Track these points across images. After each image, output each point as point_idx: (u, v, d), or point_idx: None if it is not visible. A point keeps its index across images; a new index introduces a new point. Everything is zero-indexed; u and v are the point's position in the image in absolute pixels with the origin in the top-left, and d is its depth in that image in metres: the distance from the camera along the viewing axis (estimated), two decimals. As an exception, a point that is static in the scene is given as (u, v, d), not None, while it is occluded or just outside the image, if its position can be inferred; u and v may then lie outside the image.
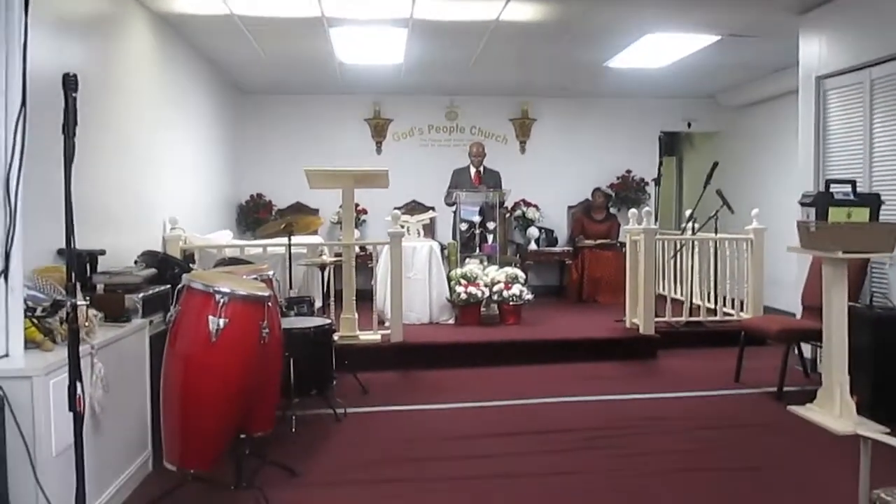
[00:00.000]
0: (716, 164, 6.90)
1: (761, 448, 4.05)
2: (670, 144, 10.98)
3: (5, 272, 2.67)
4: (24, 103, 2.68)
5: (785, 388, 4.96)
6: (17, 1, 2.72)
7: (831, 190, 4.48)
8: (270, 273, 4.13)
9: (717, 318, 6.81)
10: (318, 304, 6.26)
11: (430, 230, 8.85)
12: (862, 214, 4.38)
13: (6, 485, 2.42)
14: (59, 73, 2.38)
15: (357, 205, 7.76)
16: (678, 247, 7.10)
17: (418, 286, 6.93)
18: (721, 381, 5.42)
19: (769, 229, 6.81)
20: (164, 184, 5.99)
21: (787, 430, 4.35)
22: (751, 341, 5.49)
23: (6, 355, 2.67)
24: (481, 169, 7.97)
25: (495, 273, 6.94)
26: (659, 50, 7.03)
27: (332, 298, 5.94)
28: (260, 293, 3.26)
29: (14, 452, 2.44)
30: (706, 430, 4.36)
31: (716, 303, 6.88)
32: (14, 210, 2.69)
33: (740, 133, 9.58)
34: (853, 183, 4.53)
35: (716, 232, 6.85)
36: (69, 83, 2.35)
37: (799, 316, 5.59)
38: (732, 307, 6.90)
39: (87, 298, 3.19)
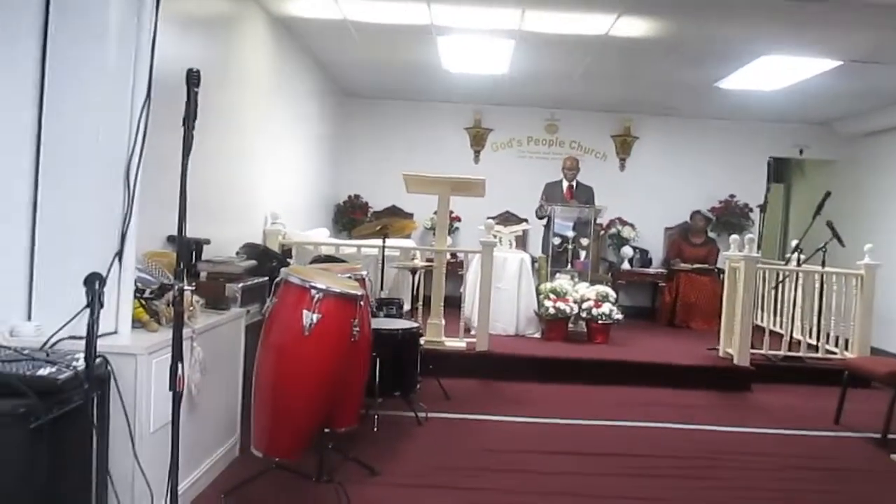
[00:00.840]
0: (828, 194, 6.57)
1: (858, 495, 3.82)
2: (779, 171, 10.55)
3: (120, 254, 2.81)
4: (148, 95, 2.83)
5: (890, 436, 4.66)
6: (149, 2, 2.88)
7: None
8: (364, 273, 4.21)
9: (819, 354, 6.48)
10: (407, 307, 6.32)
11: (521, 242, 8.81)
12: None
13: (107, 456, 2.54)
14: (180, 68, 2.50)
15: (451, 212, 7.80)
16: (781, 277, 6.80)
17: (507, 297, 6.90)
18: (820, 421, 5.15)
19: (883, 266, 6.42)
20: (268, 179, 6.20)
21: (888, 479, 4.09)
22: (854, 382, 5.21)
23: (115, 332, 2.81)
24: (574, 183, 7.88)
25: (585, 290, 6.84)
26: (774, 72, 6.78)
27: (421, 303, 5.99)
28: (353, 292, 3.32)
29: (115, 425, 2.56)
30: (800, 469, 4.14)
31: (818, 339, 6.54)
32: (132, 196, 2.84)
33: (856, 163, 9.11)
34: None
35: (823, 265, 6.52)
36: (192, 78, 2.46)
37: (910, 360, 5.26)
38: (836, 345, 6.55)
39: (193, 285, 3.33)
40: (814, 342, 6.56)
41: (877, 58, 6.07)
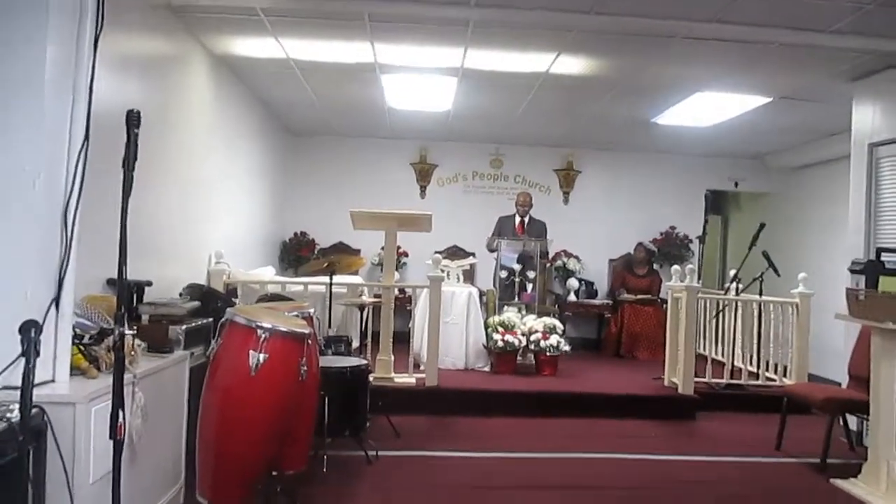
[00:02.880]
0: (762, 226, 6.80)
1: (802, 521, 3.92)
2: (716, 203, 10.86)
3: (57, 300, 2.74)
4: (86, 138, 2.79)
5: (829, 460, 4.78)
6: (87, 39, 2.85)
7: (882, 258, 4.39)
8: (311, 311, 4.17)
9: (759, 382, 6.63)
10: (356, 344, 6.28)
11: (469, 276, 8.86)
12: (914, 285, 4.27)
13: (43, 509, 2.44)
14: (120, 108, 2.47)
15: (399, 247, 7.82)
16: (721, 307, 6.98)
17: (455, 331, 6.91)
18: (761, 447, 5.26)
19: (816, 295, 6.64)
20: (212, 218, 6.13)
21: (828, 503, 4.19)
22: (794, 409, 5.33)
23: (52, 380, 2.72)
24: (526, 218, 7.98)
25: (533, 322, 6.90)
26: (709, 108, 7.03)
27: (370, 339, 5.95)
28: (300, 330, 3.30)
29: (53, 477, 2.47)
30: (743, 497, 4.23)
31: (758, 366, 6.71)
32: (70, 239, 2.77)
33: (789, 195, 9.46)
34: (905, 252, 4.43)
35: (760, 294, 6.73)
36: (132, 120, 2.43)
37: (845, 385, 5.43)
38: (775, 372, 6.73)
39: (134, 328, 3.25)
40: (754, 370, 6.72)
41: (803, 95, 6.36)
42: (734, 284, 6.82)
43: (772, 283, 6.85)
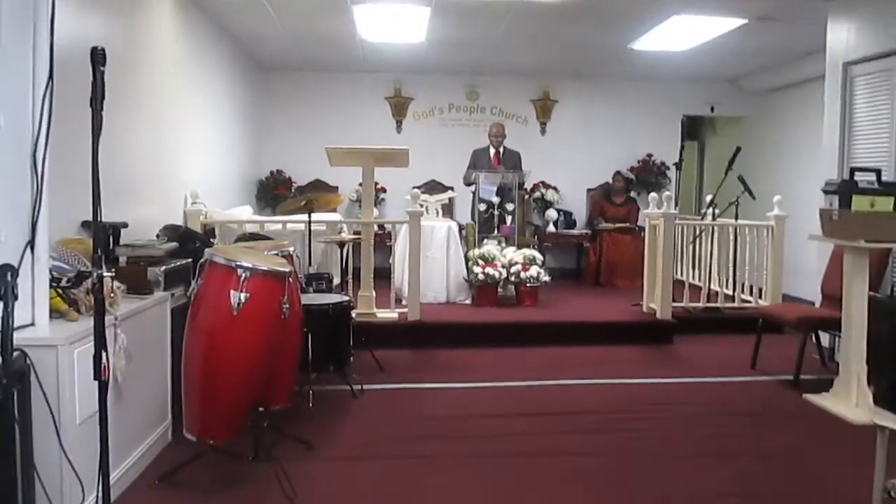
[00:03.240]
0: (738, 150, 6.81)
1: (776, 436, 4.05)
2: (692, 129, 10.88)
3: (31, 243, 2.70)
4: (51, 76, 2.70)
5: (802, 377, 4.94)
6: (45, -26, 2.74)
7: (856, 178, 4.44)
8: (291, 249, 4.16)
9: (735, 304, 6.78)
10: (337, 281, 6.29)
11: (448, 210, 8.86)
12: (886, 204, 4.34)
13: (32, 451, 2.47)
14: (84, 46, 2.40)
15: (376, 183, 7.76)
16: (697, 232, 7.06)
17: (436, 266, 6.95)
18: (737, 367, 5.41)
19: (791, 217, 6.73)
20: (186, 158, 6.03)
21: (803, 418, 4.34)
22: (768, 329, 5.47)
23: (32, 324, 2.71)
24: (501, 149, 7.93)
25: (513, 254, 6.95)
26: (684, 32, 6.95)
27: (351, 276, 5.97)
28: (281, 269, 3.29)
29: (39, 420, 2.49)
30: (721, 416, 4.36)
31: (734, 289, 6.84)
32: (41, 182, 2.72)
33: (764, 119, 9.48)
34: (878, 171, 4.49)
35: (736, 218, 6.80)
36: (97, 57, 2.36)
37: (818, 305, 5.56)
38: (751, 294, 6.86)
39: (112, 270, 3.23)
40: (730, 293, 6.85)
41: (778, 16, 6.29)
42: (710, 210, 6.88)
43: (748, 207, 6.92)
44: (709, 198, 6.98)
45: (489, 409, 4.41)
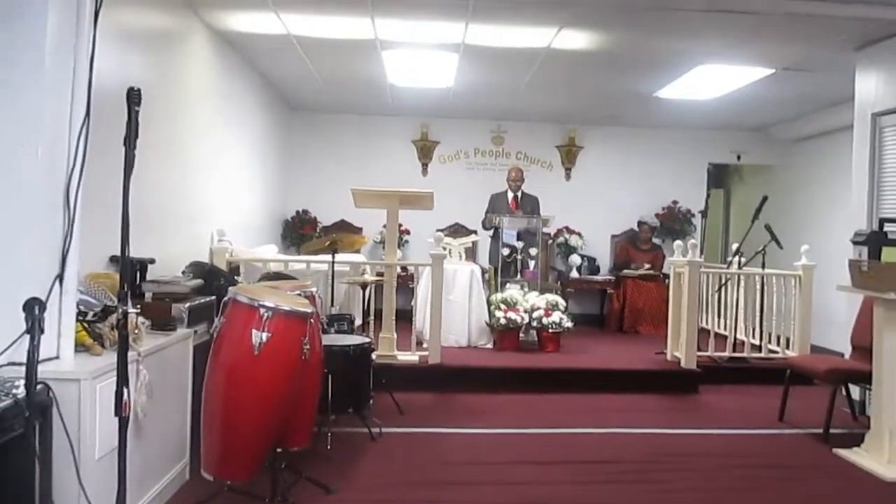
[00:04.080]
0: (765, 199, 6.77)
1: (805, 490, 3.93)
2: (718, 177, 10.85)
3: (61, 276, 2.75)
4: (87, 114, 2.78)
5: (831, 430, 4.80)
6: (87, 15, 2.83)
7: (885, 229, 4.39)
8: (313, 289, 4.17)
9: (762, 354, 6.66)
10: (359, 322, 6.29)
11: (471, 254, 8.86)
12: (917, 255, 4.27)
13: (51, 485, 2.47)
14: (120, 84, 2.46)
15: (401, 225, 7.80)
16: (723, 280, 6.98)
17: (458, 309, 6.93)
18: (764, 419, 5.29)
19: (819, 267, 6.64)
20: (214, 196, 6.12)
21: (833, 473, 4.22)
22: (796, 380, 5.36)
23: (57, 357, 2.74)
24: (519, 194, 7.95)
25: (535, 299, 6.91)
26: (711, 81, 6.98)
27: (373, 317, 5.97)
28: (303, 309, 3.30)
29: (59, 453, 2.49)
30: (747, 468, 4.25)
31: (761, 339, 6.73)
32: (73, 217, 2.78)
33: (792, 167, 9.42)
34: (908, 223, 4.42)
35: (763, 267, 6.72)
36: (133, 97, 2.42)
37: (847, 356, 5.44)
38: (778, 344, 6.74)
39: (137, 306, 3.26)
40: (757, 342, 6.74)
41: (806, 66, 6.31)
42: (736, 258, 6.81)
43: (774, 256, 6.85)
44: (735, 246, 6.92)
45: (509, 456, 4.33)
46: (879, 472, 4.14)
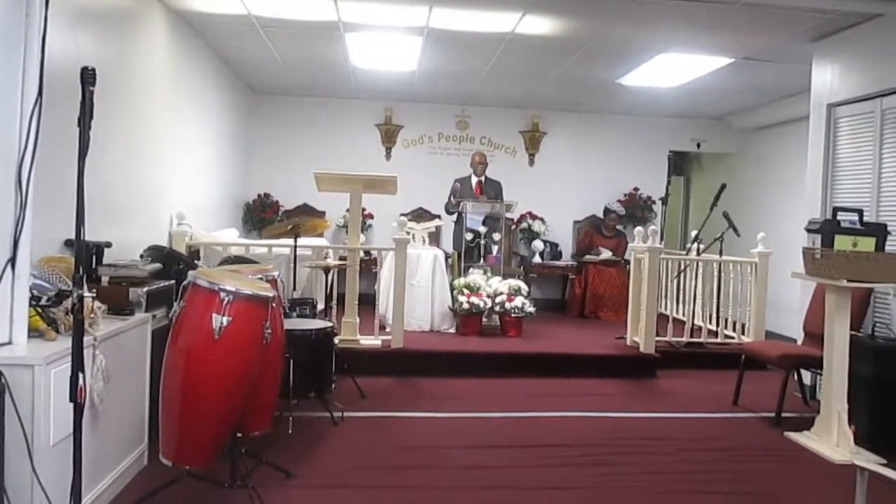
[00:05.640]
0: (723, 186, 6.89)
1: (756, 473, 4.03)
2: (679, 164, 10.99)
3: (13, 260, 2.68)
4: (40, 94, 2.70)
5: (783, 414, 4.94)
6: (38, -9, 2.75)
7: (838, 218, 4.48)
8: (275, 273, 4.15)
9: (718, 340, 6.80)
10: (321, 306, 6.26)
11: (435, 238, 8.87)
12: (868, 244, 4.38)
13: (3, 472, 2.42)
14: (74, 64, 2.40)
15: (364, 209, 7.77)
16: (682, 267, 7.09)
17: (421, 293, 6.94)
18: (719, 403, 5.41)
19: (774, 254, 6.79)
20: (173, 179, 6.02)
21: (784, 456, 4.34)
22: (751, 365, 5.48)
23: (9, 343, 2.68)
24: (483, 179, 7.98)
25: (498, 284, 6.95)
26: (672, 70, 7.06)
27: (335, 302, 5.95)
28: (264, 293, 3.27)
29: (12, 440, 2.45)
30: (702, 451, 4.34)
31: (717, 325, 6.87)
32: (25, 199, 2.71)
33: (749, 156, 9.59)
34: (860, 212, 4.53)
35: (720, 254, 6.85)
36: (87, 77, 2.37)
37: (800, 342, 5.58)
38: (734, 330, 6.89)
39: (93, 290, 3.20)
40: (714, 328, 6.88)
41: (765, 56, 6.42)
42: (695, 245, 6.93)
43: (732, 243, 6.98)
44: (694, 233, 7.03)
45: (470, 440, 4.37)
46: (828, 454, 4.27)
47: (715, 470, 4.03)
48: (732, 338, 6.83)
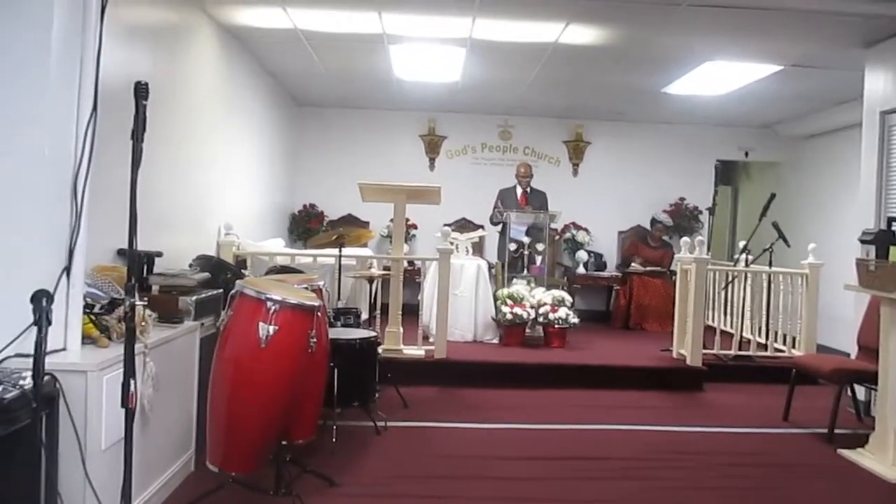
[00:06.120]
0: (773, 196, 6.74)
1: (808, 491, 3.93)
2: (726, 173, 10.81)
3: (68, 269, 2.77)
4: (95, 108, 2.79)
5: (836, 431, 4.79)
6: (93, 10, 2.85)
7: (893, 228, 4.36)
8: (320, 283, 4.19)
9: (768, 353, 6.64)
10: (365, 316, 6.31)
11: (478, 248, 8.86)
12: (924, 255, 4.26)
13: (56, 476, 2.49)
14: (127, 79, 2.47)
15: (408, 219, 7.81)
16: (730, 278, 6.96)
17: (464, 304, 6.94)
18: (769, 418, 5.28)
19: (826, 265, 6.62)
20: (221, 190, 6.14)
21: (836, 474, 4.21)
22: (802, 380, 5.34)
23: (64, 349, 2.76)
24: (528, 189, 7.96)
25: (542, 295, 6.91)
26: (719, 77, 6.95)
27: (379, 311, 5.98)
28: (310, 303, 3.31)
29: (66, 444, 2.52)
30: (750, 467, 4.24)
31: (767, 338, 6.72)
32: (80, 210, 2.79)
33: (799, 165, 9.39)
34: (916, 222, 4.40)
35: (770, 265, 6.70)
36: (140, 91, 2.43)
37: (854, 356, 5.42)
38: (784, 343, 6.72)
39: (144, 299, 3.28)
40: (763, 341, 6.73)
41: (814, 63, 6.28)
42: (743, 255, 6.80)
43: (782, 254, 6.83)
44: (742, 244, 6.90)
45: (513, 451, 4.35)
46: (883, 473, 4.14)
47: (763, 487, 3.94)
48: (782, 351, 6.67)
